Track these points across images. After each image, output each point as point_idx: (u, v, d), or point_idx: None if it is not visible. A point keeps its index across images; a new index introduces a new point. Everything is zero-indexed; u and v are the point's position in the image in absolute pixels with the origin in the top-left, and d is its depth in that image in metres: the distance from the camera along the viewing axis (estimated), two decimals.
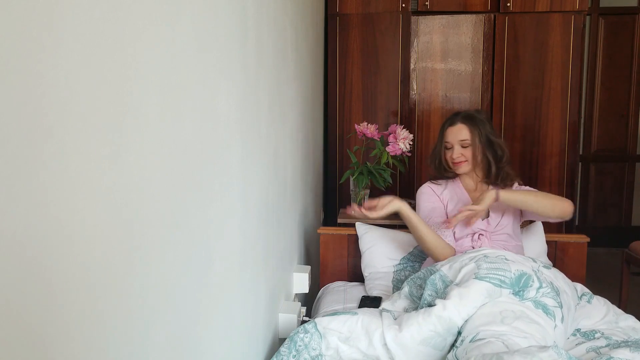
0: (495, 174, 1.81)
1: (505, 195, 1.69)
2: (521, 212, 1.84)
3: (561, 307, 1.42)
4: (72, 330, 0.53)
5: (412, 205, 2.53)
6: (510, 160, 1.86)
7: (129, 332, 0.65)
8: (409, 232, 2.08)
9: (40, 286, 0.48)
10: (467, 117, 1.83)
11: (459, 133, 1.81)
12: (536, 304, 1.40)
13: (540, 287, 1.43)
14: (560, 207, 1.70)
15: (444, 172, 1.89)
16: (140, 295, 0.68)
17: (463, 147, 1.81)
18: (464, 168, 1.83)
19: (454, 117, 1.86)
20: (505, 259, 1.52)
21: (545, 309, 1.39)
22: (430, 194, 1.90)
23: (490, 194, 1.68)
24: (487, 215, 1.79)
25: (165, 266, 0.76)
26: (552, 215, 1.71)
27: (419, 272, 1.70)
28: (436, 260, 1.74)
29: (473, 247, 1.73)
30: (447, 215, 1.85)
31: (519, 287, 1.43)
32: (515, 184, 1.86)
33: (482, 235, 1.74)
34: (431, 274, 1.60)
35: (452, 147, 1.83)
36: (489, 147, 1.80)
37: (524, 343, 1.24)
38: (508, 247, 1.74)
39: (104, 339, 0.59)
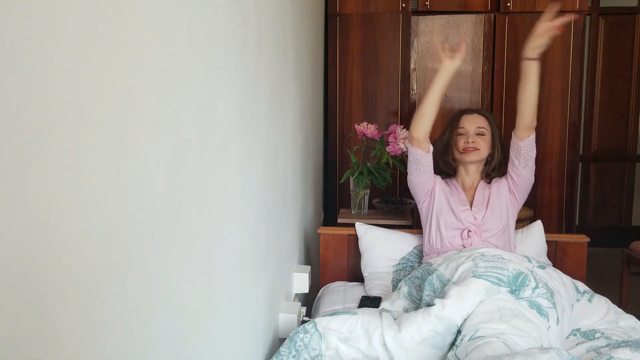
0: (497, 172, 1.85)
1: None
2: (516, 198, 1.83)
3: (555, 307, 1.42)
4: (72, 330, 0.53)
5: (412, 205, 2.54)
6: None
7: (129, 332, 0.65)
8: (409, 232, 2.08)
9: (40, 286, 0.48)
10: (485, 112, 1.89)
11: (477, 120, 1.84)
12: (531, 304, 1.40)
13: (537, 287, 1.44)
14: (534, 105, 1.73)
15: (446, 164, 1.89)
16: (140, 295, 0.68)
17: (477, 134, 1.82)
18: (474, 156, 1.81)
19: (468, 109, 1.92)
20: (502, 257, 1.53)
21: (539, 309, 1.39)
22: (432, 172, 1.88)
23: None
24: (470, 207, 1.80)
25: (165, 266, 0.76)
26: (531, 105, 1.73)
27: (416, 271, 1.70)
28: (412, 128, 1.79)
29: (464, 246, 1.73)
30: (432, 195, 1.86)
31: (515, 285, 1.43)
32: (504, 179, 1.87)
33: (471, 231, 1.74)
34: (428, 275, 1.60)
35: (465, 134, 1.83)
36: (500, 145, 1.85)
37: (522, 342, 1.24)
38: (499, 242, 1.75)
39: (103, 338, 0.59)
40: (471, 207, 1.80)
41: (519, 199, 1.84)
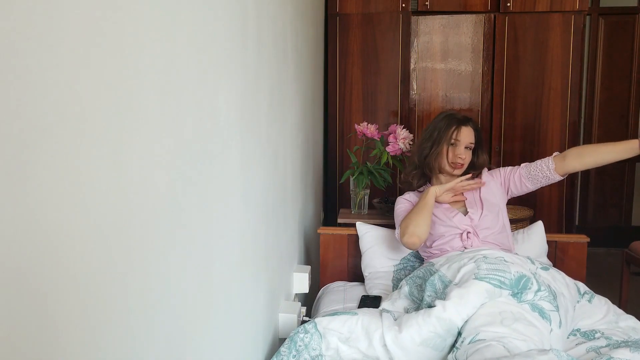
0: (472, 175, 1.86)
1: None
2: (507, 191, 1.88)
3: (558, 310, 1.42)
4: (72, 330, 0.53)
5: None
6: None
7: (129, 332, 0.65)
8: None
9: (40, 286, 0.48)
10: (475, 124, 1.87)
11: (470, 135, 1.82)
12: (533, 307, 1.40)
13: (539, 290, 1.43)
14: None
15: (431, 170, 1.87)
16: (140, 296, 0.68)
17: (466, 148, 1.82)
18: (459, 171, 1.83)
19: (462, 119, 1.84)
20: (504, 260, 1.52)
21: (541, 313, 1.39)
22: (406, 203, 1.92)
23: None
24: (466, 212, 1.80)
25: (165, 266, 0.76)
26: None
27: (418, 271, 1.70)
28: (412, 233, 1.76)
29: (465, 247, 1.73)
30: None
31: (517, 288, 1.43)
32: (485, 170, 1.90)
33: (470, 233, 1.74)
34: (430, 275, 1.60)
35: (458, 146, 1.81)
36: (481, 154, 1.87)
37: (523, 346, 1.24)
38: (498, 240, 1.74)
39: (103, 338, 0.59)
40: (466, 211, 1.80)
41: (508, 197, 1.89)
